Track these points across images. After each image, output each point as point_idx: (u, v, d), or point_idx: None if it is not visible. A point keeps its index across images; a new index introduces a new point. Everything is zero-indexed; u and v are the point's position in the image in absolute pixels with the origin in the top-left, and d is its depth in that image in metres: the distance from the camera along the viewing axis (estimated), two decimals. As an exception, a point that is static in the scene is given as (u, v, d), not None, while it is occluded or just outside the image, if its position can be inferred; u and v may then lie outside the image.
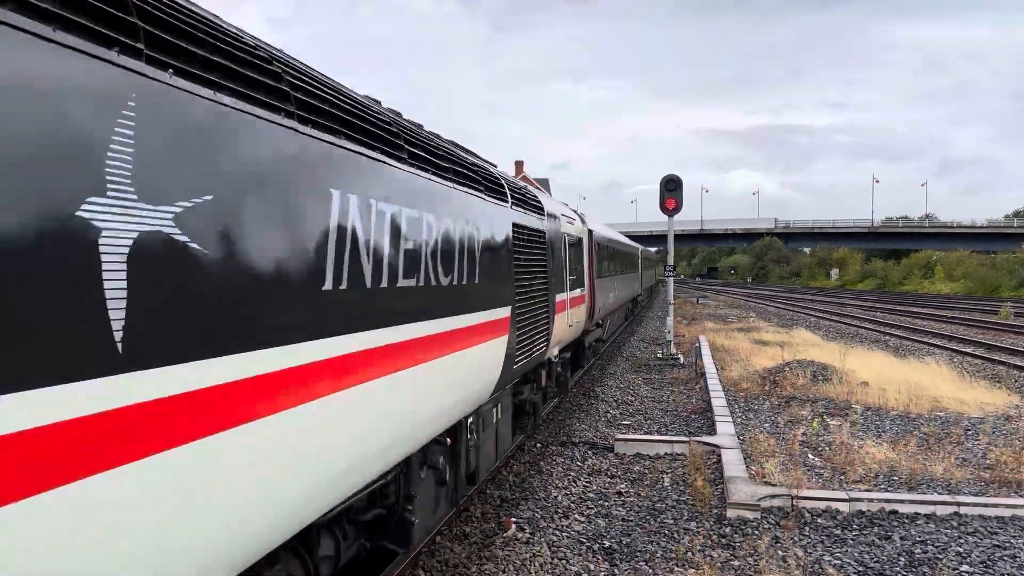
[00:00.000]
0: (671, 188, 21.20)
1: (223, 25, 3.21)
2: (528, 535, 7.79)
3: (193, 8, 3.01)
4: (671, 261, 23.56)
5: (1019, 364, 19.80)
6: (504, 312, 7.32)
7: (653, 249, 64.39)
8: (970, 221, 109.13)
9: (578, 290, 13.40)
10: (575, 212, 15.93)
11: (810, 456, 10.26)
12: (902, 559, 7.01)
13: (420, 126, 6.44)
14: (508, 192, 8.11)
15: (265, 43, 3.71)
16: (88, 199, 2.18)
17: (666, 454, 10.81)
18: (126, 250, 2.32)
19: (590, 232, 16.30)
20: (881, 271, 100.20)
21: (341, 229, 3.74)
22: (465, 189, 6.19)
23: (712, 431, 11.64)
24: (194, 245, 2.63)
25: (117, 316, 2.29)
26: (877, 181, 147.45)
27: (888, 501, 8.29)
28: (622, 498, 9.00)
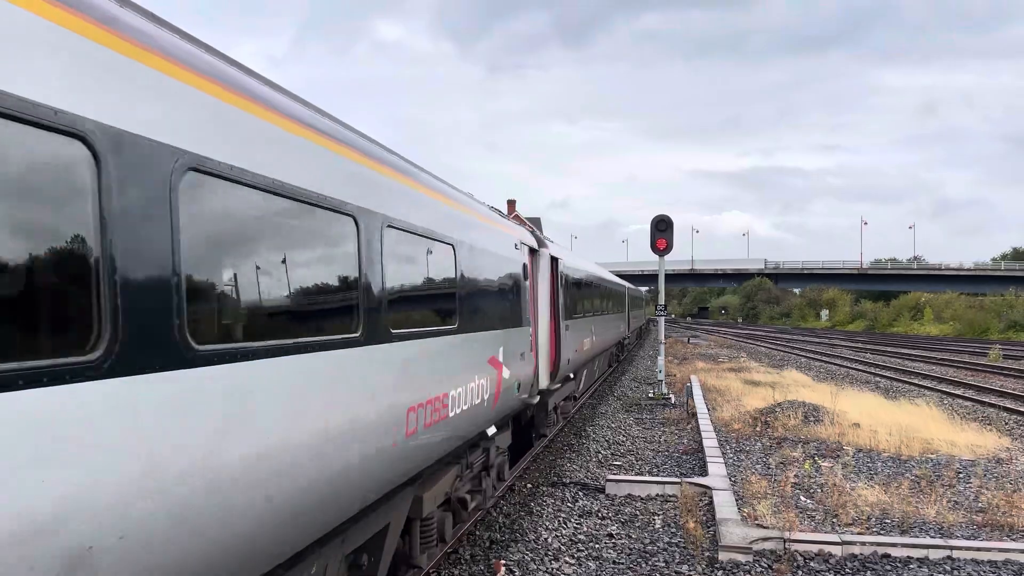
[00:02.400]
0: (662, 228, 21.35)
1: None
2: (518, 578, 7.66)
3: None
4: (662, 300, 23.62)
5: (1009, 407, 19.82)
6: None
7: (644, 288, 64.50)
8: (958, 263, 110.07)
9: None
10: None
11: (802, 498, 10.19)
12: (896, 604, 6.92)
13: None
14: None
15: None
16: None
17: (658, 495, 10.72)
18: None
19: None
20: (871, 312, 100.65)
21: None
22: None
23: (704, 472, 11.56)
24: None
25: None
26: (866, 223, 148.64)
27: (881, 544, 8.22)
28: (613, 540, 8.90)
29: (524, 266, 10.40)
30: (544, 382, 12.09)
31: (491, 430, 8.67)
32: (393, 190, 5.64)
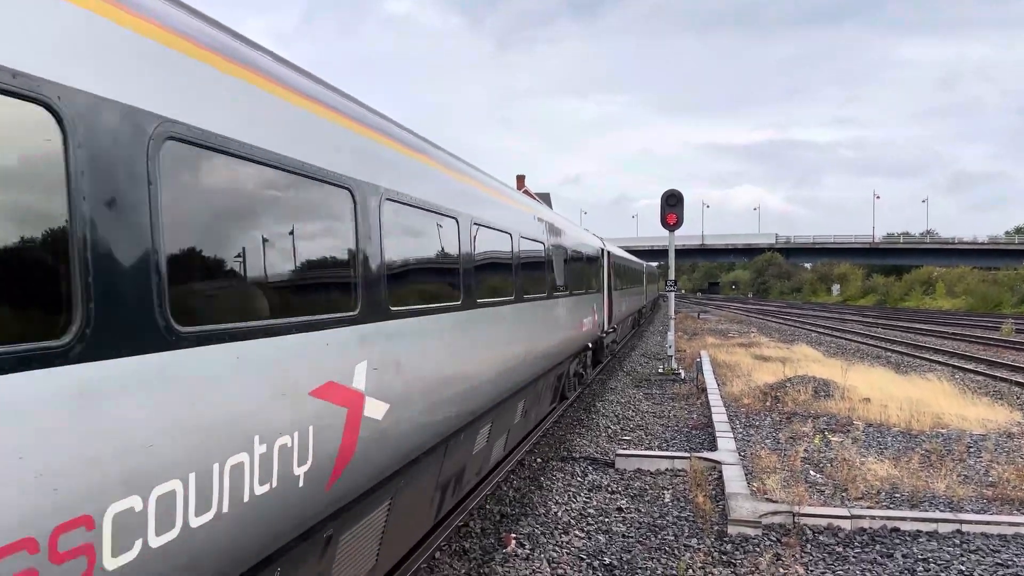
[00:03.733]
0: (672, 203, 21.23)
1: None
2: (528, 551, 7.74)
3: None
4: (672, 276, 23.55)
5: (1021, 381, 19.74)
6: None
7: (655, 264, 64.44)
8: (971, 237, 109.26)
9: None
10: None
11: (812, 472, 10.21)
12: (904, 577, 6.96)
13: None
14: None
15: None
16: None
17: (667, 470, 10.77)
18: None
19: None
20: (882, 287, 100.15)
21: None
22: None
23: (713, 447, 11.60)
24: None
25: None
26: (878, 197, 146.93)
27: (890, 518, 8.24)
28: (622, 514, 8.96)
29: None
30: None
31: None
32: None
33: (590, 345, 17.00)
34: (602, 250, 19.56)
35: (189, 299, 3.15)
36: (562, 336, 12.63)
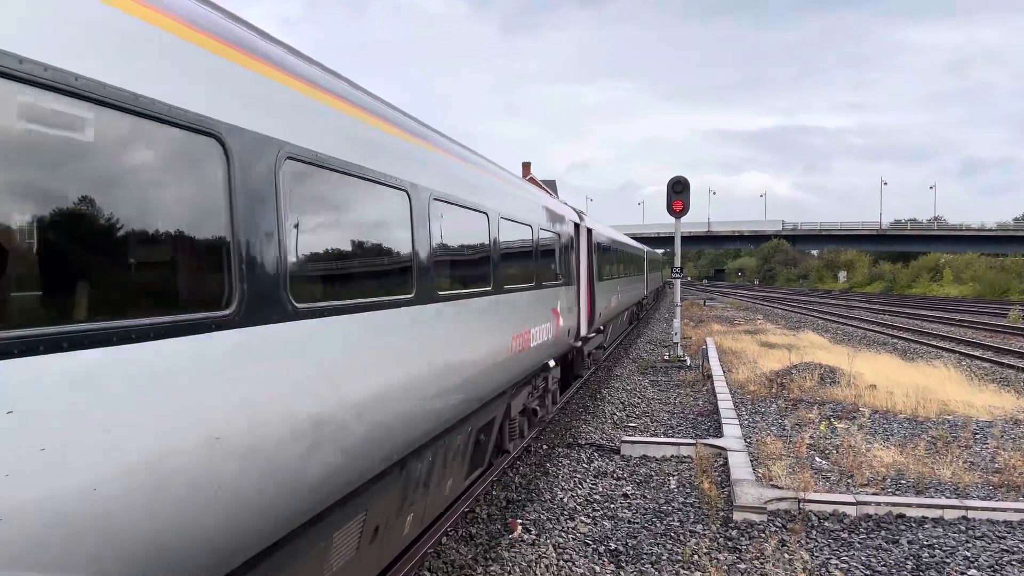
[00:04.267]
0: (678, 190, 21.16)
1: None
2: (534, 537, 7.78)
3: None
4: (678, 263, 23.51)
5: (1028, 368, 19.68)
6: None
7: (660, 251, 64.29)
8: (979, 224, 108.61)
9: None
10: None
11: (817, 459, 10.23)
12: (909, 563, 6.98)
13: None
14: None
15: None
16: None
17: (672, 456, 10.79)
18: None
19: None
20: (889, 274, 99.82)
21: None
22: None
23: (719, 433, 11.61)
24: None
25: None
26: (886, 183, 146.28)
27: (896, 505, 8.25)
28: (628, 500, 8.99)
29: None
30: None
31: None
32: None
33: (551, 364, 11.28)
34: (577, 226, 14.20)
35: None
36: (488, 362, 7.42)
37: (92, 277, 2.79)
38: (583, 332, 14.32)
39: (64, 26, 2.59)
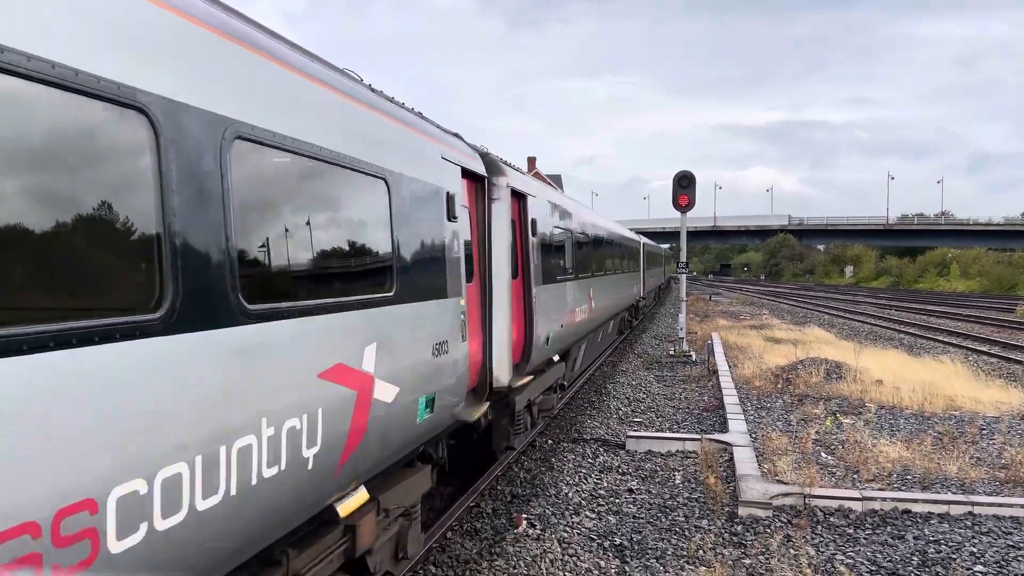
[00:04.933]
0: (684, 185, 21.11)
1: None
2: (539, 532, 7.79)
3: None
4: (684, 258, 23.47)
5: (1036, 363, 19.60)
6: None
7: (665, 245, 64.04)
8: (987, 219, 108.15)
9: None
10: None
11: (823, 455, 10.21)
12: (915, 559, 6.97)
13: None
14: None
15: None
16: None
17: (678, 451, 10.78)
18: None
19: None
20: (896, 269, 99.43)
21: None
22: None
23: (724, 429, 11.60)
24: None
25: None
26: (892, 178, 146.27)
27: (901, 500, 8.23)
28: (633, 495, 8.99)
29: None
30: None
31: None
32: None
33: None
34: (483, 181, 7.93)
35: None
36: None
37: None
38: (503, 379, 8.20)
39: None
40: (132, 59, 2.82)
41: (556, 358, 11.76)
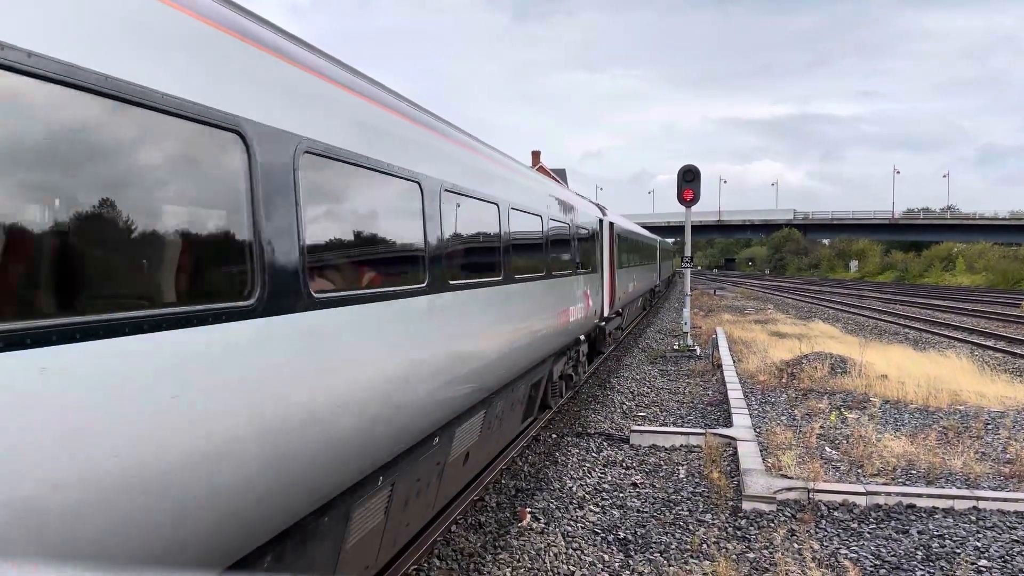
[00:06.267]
0: (688, 179, 21.06)
1: None
2: (543, 525, 7.81)
3: None
4: (688, 252, 23.44)
5: (1041, 358, 19.55)
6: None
7: (670, 240, 64.06)
8: (993, 213, 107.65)
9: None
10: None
11: (827, 449, 10.20)
12: (919, 553, 6.97)
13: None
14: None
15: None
16: None
17: (682, 446, 10.79)
18: None
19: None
20: (901, 263, 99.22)
21: None
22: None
23: (728, 423, 11.60)
24: None
25: None
26: (898, 172, 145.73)
27: (906, 495, 8.23)
28: (637, 489, 9.00)
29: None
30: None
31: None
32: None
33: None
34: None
35: None
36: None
37: None
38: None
39: None
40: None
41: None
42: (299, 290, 3.81)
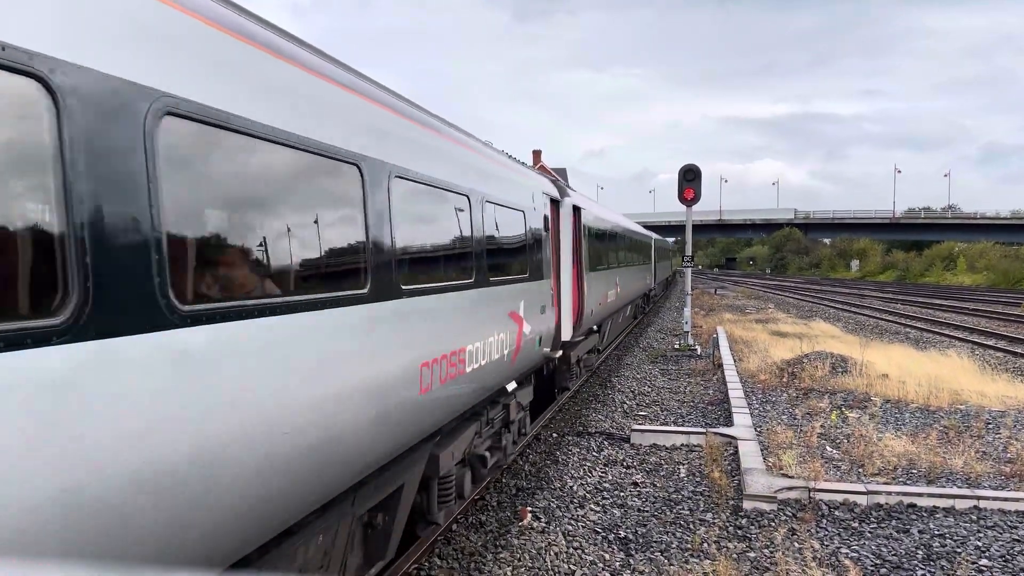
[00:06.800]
0: (689, 178, 21.05)
1: None
2: (544, 524, 7.81)
3: None
4: (689, 251, 23.43)
5: (1042, 357, 19.54)
6: None
7: (671, 239, 63.99)
8: (994, 212, 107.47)
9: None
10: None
11: (828, 448, 10.20)
12: (920, 552, 6.97)
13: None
14: None
15: None
16: None
17: (683, 445, 10.79)
18: None
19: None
20: (902, 263, 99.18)
21: None
22: None
23: (729, 422, 11.60)
24: None
25: None
26: (899, 171, 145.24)
27: (907, 494, 8.23)
28: (638, 488, 9.01)
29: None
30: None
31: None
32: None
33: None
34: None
35: None
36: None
37: None
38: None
39: None
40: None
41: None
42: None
